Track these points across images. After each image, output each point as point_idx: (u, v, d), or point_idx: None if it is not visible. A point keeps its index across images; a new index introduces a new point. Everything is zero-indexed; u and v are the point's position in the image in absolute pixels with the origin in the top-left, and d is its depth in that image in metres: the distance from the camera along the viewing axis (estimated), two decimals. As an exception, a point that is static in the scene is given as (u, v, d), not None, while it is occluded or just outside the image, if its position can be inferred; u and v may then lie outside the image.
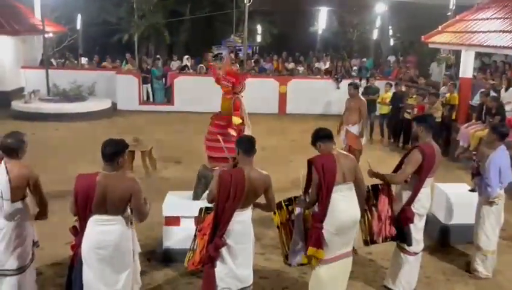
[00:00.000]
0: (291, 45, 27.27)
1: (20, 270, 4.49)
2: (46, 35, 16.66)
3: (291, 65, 19.54)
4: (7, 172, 4.27)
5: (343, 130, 9.07)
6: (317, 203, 4.62)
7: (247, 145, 4.38)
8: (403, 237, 5.10)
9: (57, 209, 6.13)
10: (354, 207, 4.66)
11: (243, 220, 4.34)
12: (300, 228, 4.78)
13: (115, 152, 4.10)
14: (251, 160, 4.37)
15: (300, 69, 18.55)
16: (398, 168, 5.15)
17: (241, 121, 6.48)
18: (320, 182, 4.48)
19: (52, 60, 18.10)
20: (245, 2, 17.05)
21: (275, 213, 4.89)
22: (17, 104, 14.83)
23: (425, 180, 5.02)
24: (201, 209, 4.71)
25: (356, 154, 9.11)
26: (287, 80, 16.71)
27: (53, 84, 15.78)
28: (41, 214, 4.61)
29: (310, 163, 4.62)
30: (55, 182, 8.00)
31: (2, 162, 4.34)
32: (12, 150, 4.37)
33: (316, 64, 19.05)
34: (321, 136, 4.71)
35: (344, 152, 4.83)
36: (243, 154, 4.36)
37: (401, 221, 5.02)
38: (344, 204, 4.55)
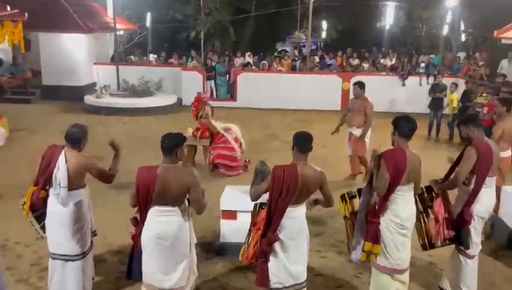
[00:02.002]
0: (357, 40, 26.85)
1: (81, 256, 4.73)
2: (117, 33, 17.39)
3: (355, 61, 19.24)
4: (66, 161, 4.52)
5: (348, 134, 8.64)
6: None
7: (303, 142, 4.35)
8: (461, 240, 4.90)
9: (123, 199, 6.42)
10: (413, 208, 4.59)
11: (295, 216, 4.32)
12: (363, 223, 4.69)
13: (173, 145, 4.22)
14: (306, 157, 4.34)
15: (365, 65, 18.22)
16: (453, 167, 4.96)
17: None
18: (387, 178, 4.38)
19: (124, 57, 18.83)
20: (309, -3, 17.03)
21: (343, 201, 4.90)
22: (89, 99, 15.57)
23: (485, 179, 4.78)
24: (256, 204, 4.75)
25: (362, 160, 8.69)
26: (351, 76, 16.43)
27: (123, 79, 16.47)
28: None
29: (381, 157, 4.49)
30: (123, 173, 8.28)
31: (63, 151, 4.58)
32: (76, 140, 4.62)
33: (381, 61, 18.62)
34: (400, 127, 4.53)
35: (412, 150, 4.67)
36: (298, 151, 4.33)
37: (459, 223, 4.83)
38: (404, 204, 4.48)
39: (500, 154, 5.29)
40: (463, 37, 26.49)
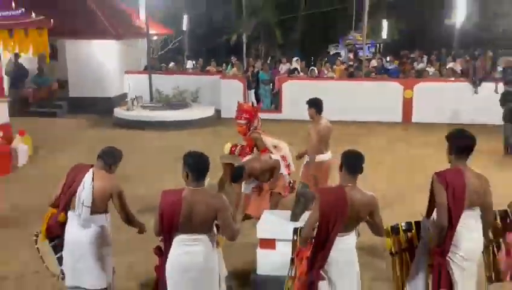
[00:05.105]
0: (422, 41, 26.51)
1: None
2: (150, 38, 17.88)
3: (420, 65, 18.98)
4: (93, 179, 4.73)
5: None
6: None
7: (352, 162, 4.35)
8: None
9: (151, 226, 6.54)
10: (479, 237, 4.47)
11: (342, 248, 4.32)
12: (423, 262, 4.63)
13: (207, 167, 4.31)
14: (355, 179, 4.34)
15: (431, 70, 17.92)
16: None
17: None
18: (446, 203, 4.28)
19: (158, 64, 19.28)
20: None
21: (389, 236, 4.80)
22: (119, 112, 16.05)
23: None
24: (296, 229, 4.77)
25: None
26: (413, 82, 16.22)
27: (156, 89, 16.90)
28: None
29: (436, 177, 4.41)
30: (153, 195, 8.48)
31: (91, 169, 4.80)
32: (112, 160, 4.88)
33: (449, 64, 18.26)
34: (452, 143, 4.49)
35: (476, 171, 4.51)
36: (346, 172, 4.34)
37: None
38: (467, 233, 4.36)
39: None
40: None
